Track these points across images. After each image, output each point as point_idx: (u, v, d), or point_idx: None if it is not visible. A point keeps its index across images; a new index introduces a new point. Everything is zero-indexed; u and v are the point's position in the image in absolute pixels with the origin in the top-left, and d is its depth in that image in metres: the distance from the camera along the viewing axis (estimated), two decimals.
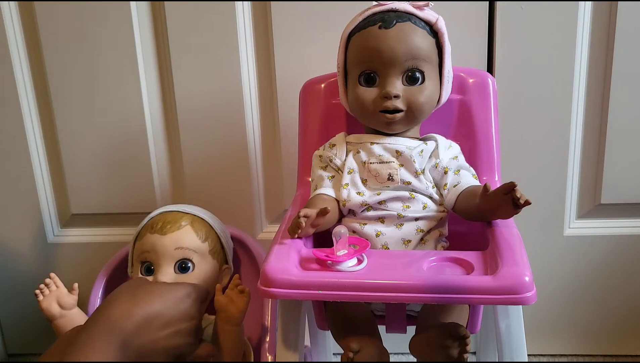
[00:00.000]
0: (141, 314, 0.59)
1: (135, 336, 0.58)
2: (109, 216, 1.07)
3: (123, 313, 0.59)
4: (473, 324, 0.75)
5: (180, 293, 0.64)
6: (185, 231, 0.79)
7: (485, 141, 0.78)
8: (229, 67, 0.96)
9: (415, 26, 0.69)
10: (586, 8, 0.90)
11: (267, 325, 0.81)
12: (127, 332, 0.58)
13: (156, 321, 0.60)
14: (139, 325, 0.59)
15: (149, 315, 0.60)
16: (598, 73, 0.93)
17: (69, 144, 1.03)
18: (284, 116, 0.98)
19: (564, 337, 1.06)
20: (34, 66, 1.01)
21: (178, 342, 0.62)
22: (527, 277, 0.56)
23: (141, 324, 0.59)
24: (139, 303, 0.60)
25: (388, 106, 0.69)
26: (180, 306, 0.63)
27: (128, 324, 0.58)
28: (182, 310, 0.63)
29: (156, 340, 0.60)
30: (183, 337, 0.63)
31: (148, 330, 0.59)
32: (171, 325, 0.61)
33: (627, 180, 0.96)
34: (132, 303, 0.60)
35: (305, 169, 0.80)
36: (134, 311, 0.59)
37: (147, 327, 0.59)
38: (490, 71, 0.93)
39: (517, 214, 0.62)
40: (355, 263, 0.61)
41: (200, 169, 1.02)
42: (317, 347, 0.90)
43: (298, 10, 0.93)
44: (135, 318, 0.59)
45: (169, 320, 0.61)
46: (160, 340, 0.60)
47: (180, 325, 0.62)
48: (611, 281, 1.01)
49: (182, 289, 0.65)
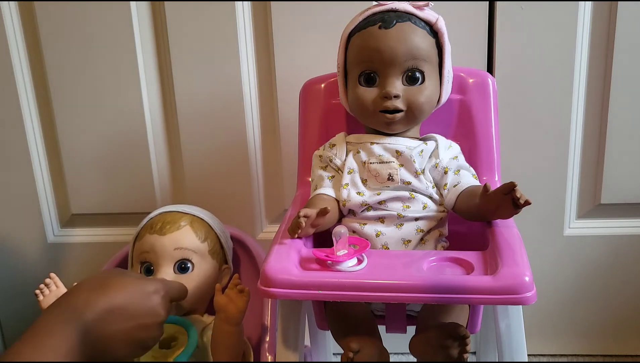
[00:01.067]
0: (103, 304, 0.59)
1: (96, 325, 0.58)
2: (109, 216, 1.07)
3: (86, 301, 0.58)
4: (473, 324, 0.75)
5: (149, 288, 0.63)
6: (185, 231, 0.79)
7: (485, 141, 0.78)
8: (229, 68, 0.96)
9: (415, 26, 0.69)
10: (586, 8, 0.90)
11: (267, 325, 0.81)
12: (88, 320, 0.57)
13: (119, 313, 0.59)
14: (101, 315, 0.58)
15: (112, 305, 0.59)
16: (598, 73, 0.93)
17: (69, 144, 1.03)
18: (284, 116, 0.98)
19: (564, 337, 1.06)
20: (34, 66, 1.01)
21: (141, 336, 0.61)
22: (527, 277, 0.56)
23: (102, 314, 0.58)
24: (104, 294, 0.60)
25: (388, 106, 0.69)
26: (146, 301, 0.62)
27: (89, 312, 0.58)
28: (147, 305, 0.62)
29: (118, 332, 0.59)
30: (146, 331, 0.62)
31: (109, 321, 0.59)
32: (135, 318, 0.61)
33: (627, 180, 0.96)
34: (97, 292, 0.60)
35: (305, 169, 0.80)
36: (98, 300, 0.59)
37: (108, 317, 0.59)
38: (490, 71, 0.93)
39: (517, 214, 0.62)
40: (355, 263, 0.61)
41: (200, 170, 1.02)
42: (317, 347, 0.90)
43: (298, 10, 0.93)
44: (97, 307, 0.58)
45: (133, 314, 0.61)
46: (122, 332, 0.59)
47: (145, 320, 0.62)
48: (611, 281, 1.01)
49: (152, 285, 0.64)
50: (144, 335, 0.62)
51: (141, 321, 0.61)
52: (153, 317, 0.62)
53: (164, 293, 0.65)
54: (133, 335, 0.60)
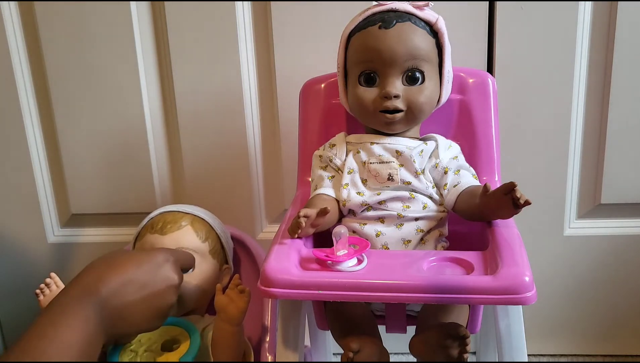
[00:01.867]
0: (116, 278, 0.59)
1: (112, 299, 0.58)
2: (109, 216, 1.07)
3: (98, 278, 0.59)
4: (473, 324, 0.75)
5: (158, 258, 0.65)
6: (185, 231, 0.79)
7: (485, 141, 0.78)
8: (229, 67, 0.96)
9: (415, 26, 0.69)
10: (586, 8, 0.90)
11: (267, 325, 0.81)
12: (102, 295, 0.58)
13: (131, 285, 0.60)
14: (114, 289, 0.59)
15: (123, 279, 0.60)
16: (598, 73, 0.93)
17: (69, 144, 1.03)
18: (284, 116, 0.98)
19: (564, 337, 1.06)
20: (34, 66, 1.01)
21: (157, 303, 0.62)
22: (527, 277, 0.56)
23: (116, 288, 0.59)
24: (115, 269, 0.60)
25: (388, 106, 0.69)
26: (157, 270, 0.63)
27: (102, 288, 0.58)
28: (159, 272, 0.63)
29: (134, 302, 0.60)
30: (162, 297, 0.63)
31: (123, 293, 0.59)
32: (148, 286, 0.61)
33: (627, 180, 0.96)
34: (109, 269, 0.60)
35: (305, 169, 0.80)
36: (108, 276, 0.59)
37: (122, 290, 0.59)
38: (490, 71, 0.93)
39: (517, 214, 0.63)
40: (355, 263, 0.61)
41: (200, 169, 1.02)
42: (317, 347, 0.90)
43: (298, 10, 0.93)
44: (110, 282, 0.59)
45: (145, 284, 0.61)
46: (138, 303, 0.60)
47: (158, 286, 0.63)
48: (611, 281, 1.01)
49: (160, 254, 0.65)
50: (160, 301, 0.63)
51: (155, 288, 0.62)
52: (166, 282, 0.63)
53: (174, 259, 0.66)
54: (149, 302, 0.61)
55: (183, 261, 0.69)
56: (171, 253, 0.67)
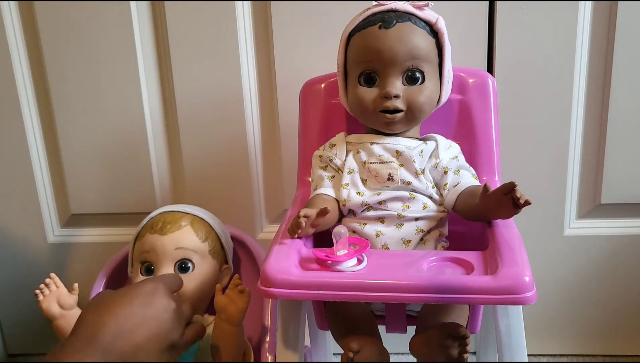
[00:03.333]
0: (112, 321, 0.58)
1: (114, 343, 0.57)
2: (109, 216, 1.07)
3: (94, 325, 0.58)
4: (473, 324, 0.75)
5: (146, 289, 0.63)
6: (185, 231, 0.79)
7: (485, 141, 0.78)
8: (229, 67, 0.96)
9: (415, 26, 0.69)
10: (586, 8, 0.90)
11: (267, 325, 0.81)
12: (104, 341, 0.57)
13: (128, 322, 0.59)
14: (114, 332, 0.57)
15: (120, 319, 0.59)
16: (598, 73, 0.93)
17: (69, 144, 1.03)
18: (284, 116, 0.98)
19: (564, 337, 1.06)
20: (34, 66, 1.01)
21: (160, 333, 0.61)
22: (527, 277, 0.56)
23: (115, 330, 0.58)
24: (107, 313, 0.59)
25: (388, 106, 0.69)
26: (150, 300, 0.62)
27: (101, 334, 0.57)
28: (154, 303, 0.62)
29: (136, 341, 0.58)
30: (166, 328, 0.61)
31: (124, 333, 0.58)
32: (147, 320, 0.60)
33: (627, 180, 0.96)
34: (100, 313, 0.59)
35: (305, 169, 0.80)
36: (104, 320, 0.58)
37: (121, 330, 0.58)
38: (490, 71, 0.93)
39: (517, 214, 0.62)
40: (355, 263, 0.61)
41: (200, 170, 1.02)
42: (317, 347, 0.90)
43: (298, 10, 0.93)
44: (107, 327, 0.58)
45: (143, 317, 0.60)
46: (140, 338, 0.59)
47: (158, 317, 0.61)
48: (611, 281, 1.01)
49: (147, 285, 0.64)
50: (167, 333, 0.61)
51: (155, 320, 0.61)
52: (164, 311, 0.62)
53: (162, 285, 0.65)
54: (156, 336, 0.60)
55: (171, 285, 0.67)
56: (158, 280, 0.66)
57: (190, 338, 0.66)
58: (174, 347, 0.63)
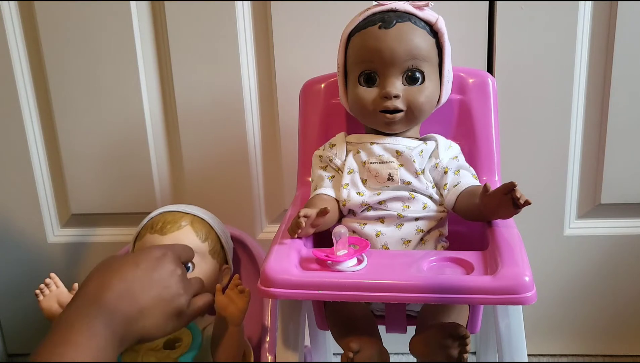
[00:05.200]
0: (117, 282, 0.57)
1: (119, 304, 0.56)
2: (109, 216, 1.07)
3: (99, 287, 0.57)
4: (473, 324, 0.75)
5: (155, 254, 0.63)
6: (185, 231, 0.79)
7: (485, 141, 0.78)
8: (229, 67, 0.96)
9: (415, 26, 0.69)
10: (586, 8, 0.90)
11: (267, 325, 0.81)
12: (108, 302, 0.56)
13: (134, 284, 0.58)
14: (119, 293, 0.57)
15: (126, 281, 0.58)
16: (598, 73, 0.93)
17: (69, 144, 1.03)
18: (284, 116, 0.98)
19: (564, 337, 1.06)
20: (34, 66, 1.01)
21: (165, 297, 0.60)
22: (527, 277, 0.56)
23: (120, 291, 0.57)
24: (113, 274, 0.58)
25: (388, 106, 0.69)
26: (157, 265, 0.61)
27: (106, 295, 0.56)
28: (160, 268, 0.61)
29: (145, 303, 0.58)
30: (171, 293, 0.61)
31: (130, 295, 0.57)
32: (153, 284, 0.59)
33: (627, 180, 0.96)
34: (107, 275, 0.58)
35: (305, 169, 0.80)
36: (110, 281, 0.57)
37: (127, 292, 0.57)
38: (490, 71, 0.93)
39: (517, 214, 0.63)
40: (355, 263, 0.61)
41: (200, 170, 1.02)
42: (317, 347, 0.90)
43: (298, 10, 0.93)
44: (112, 288, 0.57)
45: (149, 281, 0.59)
46: (149, 300, 0.58)
47: (164, 282, 0.61)
48: (611, 281, 1.01)
49: (156, 250, 0.64)
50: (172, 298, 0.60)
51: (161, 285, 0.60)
52: (170, 276, 0.62)
53: (171, 253, 0.65)
54: (160, 297, 0.59)
55: (181, 253, 0.68)
56: (167, 247, 0.66)
57: (198, 307, 0.65)
58: (180, 314, 0.62)
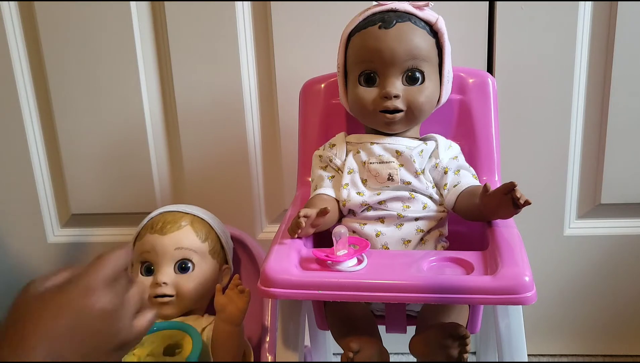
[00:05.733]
0: (39, 343, 0.48)
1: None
2: (109, 216, 1.07)
3: (21, 346, 0.49)
4: (473, 324, 0.75)
5: (76, 293, 0.51)
6: (185, 231, 0.79)
7: (485, 141, 0.78)
8: (229, 67, 0.96)
9: (415, 26, 0.69)
10: (586, 8, 0.90)
11: (267, 325, 0.81)
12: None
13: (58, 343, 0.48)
14: (43, 356, 0.47)
15: (46, 341, 0.49)
16: (598, 73, 0.93)
17: (69, 144, 1.03)
18: (284, 116, 0.98)
19: (564, 337, 1.06)
20: (34, 66, 1.01)
21: (99, 345, 0.50)
22: (527, 277, 0.56)
23: (44, 354, 0.47)
24: (32, 330, 0.50)
25: (388, 106, 0.69)
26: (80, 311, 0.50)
27: (31, 355, 0.47)
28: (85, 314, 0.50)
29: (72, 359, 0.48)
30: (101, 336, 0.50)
31: (55, 357, 0.47)
32: (78, 337, 0.49)
33: (627, 180, 0.96)
34: (26, 332, 0.50)
35: (305, 169, 0.80)
36: (31, 342, 0.49)
37: (52, 354, 0.48)
38: (490, 71, 0.93)
39: (517, 214, 0.63)
40: (355, 263, 0.61)
41: (200, 170, 1.02)
42: (317, 347, 0.90)
43: (298, 10, 0.93)
44: (35, 349, 0.48)
45: (72, 335, 0.49)
46: (75, 357, 0.48)
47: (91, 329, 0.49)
48: (611, 281, 1.01)
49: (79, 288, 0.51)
50: (107, 342, 0.50)
51: (89, 335, 0.49)
52: (100, 320, 0.49)
53: (97, 284, 0.51)
54: (94, 350, 0.49)
55: (109, 275, 0.52)
56: (91, 277, 0.51)
57: (139, 333, 0.53)
58: (123, 346, 0.52)
